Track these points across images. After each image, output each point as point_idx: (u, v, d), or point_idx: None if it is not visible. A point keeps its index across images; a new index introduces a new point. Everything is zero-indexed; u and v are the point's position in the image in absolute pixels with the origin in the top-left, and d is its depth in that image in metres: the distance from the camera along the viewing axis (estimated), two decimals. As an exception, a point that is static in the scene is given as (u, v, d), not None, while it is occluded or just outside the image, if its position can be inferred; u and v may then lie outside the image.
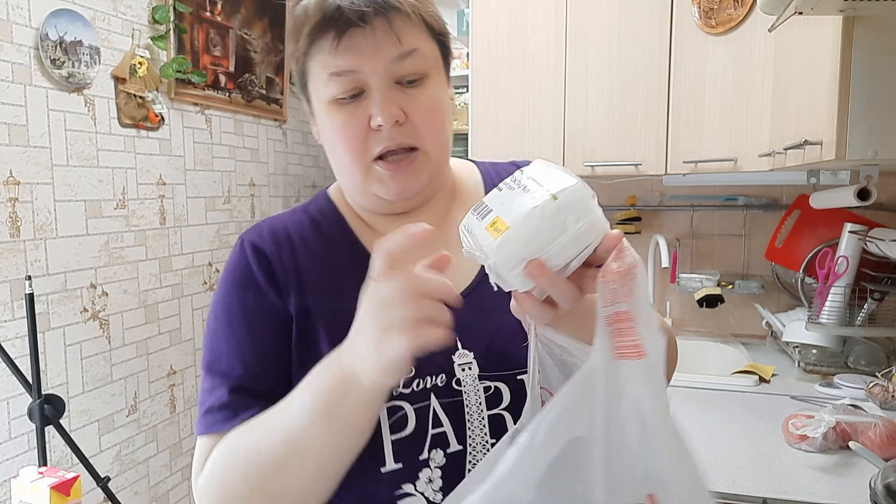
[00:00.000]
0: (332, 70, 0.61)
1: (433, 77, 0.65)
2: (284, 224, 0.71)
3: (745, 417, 1.44)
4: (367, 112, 0.62)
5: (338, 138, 0.64)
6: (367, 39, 0.60)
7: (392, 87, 0.62)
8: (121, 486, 1.81)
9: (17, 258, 1.49)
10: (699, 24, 1.83)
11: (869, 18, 1.04)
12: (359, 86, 0.62)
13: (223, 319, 0.67)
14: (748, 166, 1.76)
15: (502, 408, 0.63)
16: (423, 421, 0.62)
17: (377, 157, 0.63)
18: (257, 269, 0.67)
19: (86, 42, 1.63)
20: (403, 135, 0.63)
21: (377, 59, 0.61)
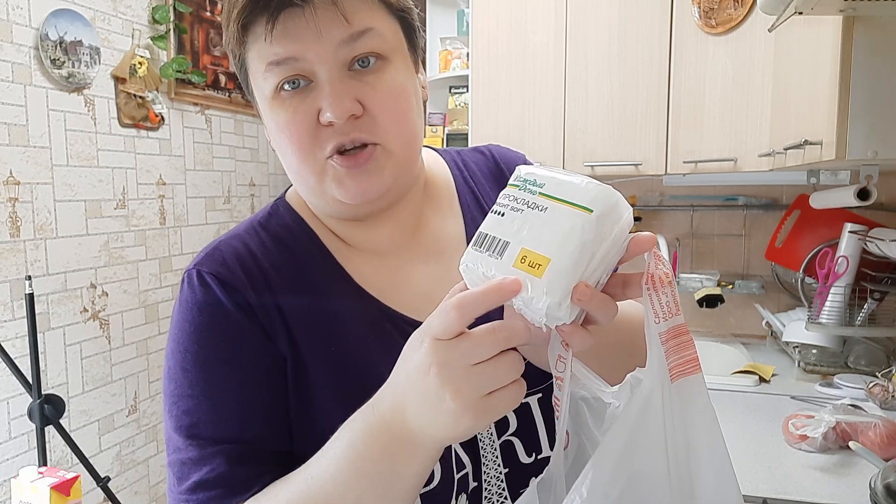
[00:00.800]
0: (269, 59, 0.52)
1: (393, 60, 0.55)
2: (247, 248, 0.58)
3: (745, 417, 1.44)
4: (316, 105, 0.52)
5: (283, 138, 0.54)
6: (308, 20, 0.50)
7: (344, 74, 0.53)
8: (121, 486, 1.81)
9: (17, 258, 1.49)
10: (699, 24, 1.83)
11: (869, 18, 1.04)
12: (303, 75, 0.52)
13: (197, 371, 0.54)
14: (748, 166, 1.76)
15: (510, 433, 0.58)
16: (448, 468, 0.55)
17: (331, 154, 0.54)
18: (231, 305, 0.55)
19: (86, 42, 1.63)
20: (359, 129, 0.53)
21: (322, 44, 0.51)
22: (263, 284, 0.56)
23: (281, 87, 0.53)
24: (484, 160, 0.72)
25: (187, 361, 0.55)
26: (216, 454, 0.52)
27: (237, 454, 0.53)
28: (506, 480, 0.57)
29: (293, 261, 0.59)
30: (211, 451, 0.53)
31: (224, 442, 0.53)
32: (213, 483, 0.52)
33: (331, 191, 0.55)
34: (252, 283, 0.56)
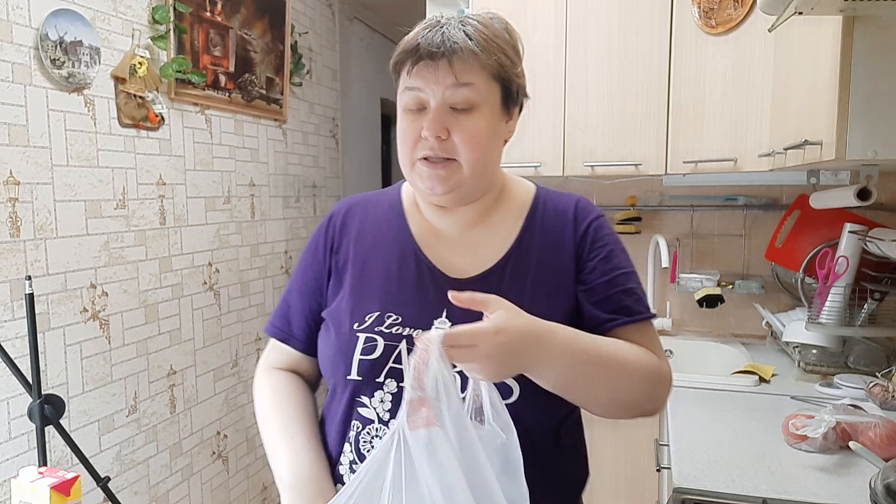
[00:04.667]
0: (406, 85, 0.82)
1: (483, 110, 0.81)
2: (362, 201, 0.96)
3: (745, 417, 1.44)
4: (421, 124, 0.80)
5: (400, 136, 0.83)
6: (431, 71, 0.79)
7: (445, 109, 0.80)
8: (121, 486, 1.81)
9: (17, 258, 1.49)
10: (699, 24, 1.83)
11: (869, 18, 1.04)
12: (422, 103, 0.81)
13: (298, 262, 0.96)
14: (748, 166, 1.76)
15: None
16: (388, 354, 0.80)
17: (421, 157, 0.82)
18: (323, 232, 0.94)
19: (86, 42, 1.63)
20: (443, 148, 0.80)
21: (436, 86, 0.79)
22: (350, 221, 0.93)
23: (408, 105, 0.82)
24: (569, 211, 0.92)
25: (301, 254, 0.97)
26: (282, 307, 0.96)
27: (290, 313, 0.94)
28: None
29: (379, 214, 0.93)
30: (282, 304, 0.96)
31: (287, 302, 0.95)
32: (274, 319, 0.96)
33: (415, 181, 0.85)
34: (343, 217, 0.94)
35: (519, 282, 0.84)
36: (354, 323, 0.83)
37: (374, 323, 0.82)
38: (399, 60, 0.82)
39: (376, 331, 0.81)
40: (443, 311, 0.81)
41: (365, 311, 0.83)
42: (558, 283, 0.85)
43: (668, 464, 1.31)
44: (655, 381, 0.82)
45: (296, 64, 2.67)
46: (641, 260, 2.29)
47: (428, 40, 0.79)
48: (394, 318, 0.82)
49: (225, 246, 2.28)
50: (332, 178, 3.17)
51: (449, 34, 0.79)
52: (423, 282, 0.85)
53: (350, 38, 3.33)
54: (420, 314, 0.82)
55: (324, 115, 3.05)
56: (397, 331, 0.81)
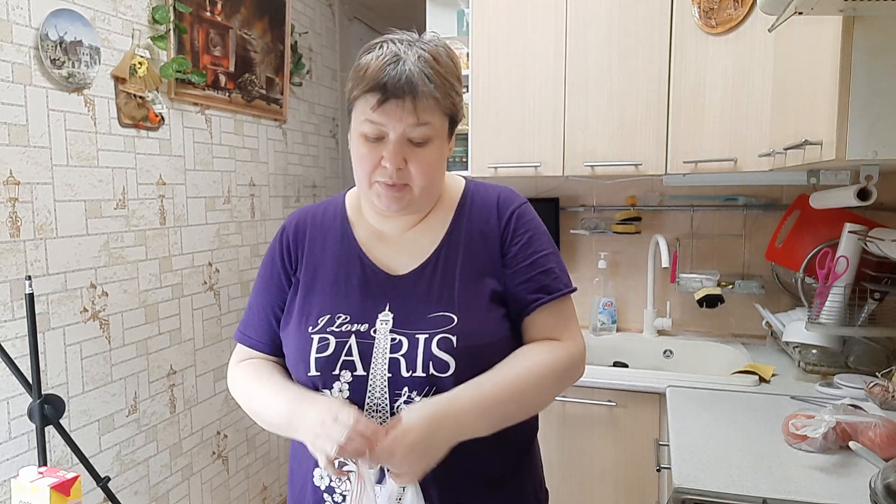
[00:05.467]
0: (368, 118, 0.88)
1: (435, 142, 0.91)
2: (308, 213, 1.05)
3: (745, 417, 1.44)
4: (381, 153, 0.89)
5: (358, 161, 0.92)
6: (396, 109, 0.86)
7: (403, 142, 0.88)
8: (121, 486, 1.81)
9: (17, 258, 1.49)
10: (699, 24, 1.83)
11: (869, 18, 1.04)
12: (382, 134, 0.88)
13: (259, 273, 1.05)
14: (748, 166, 1.76)
15: (400, 354, 0.88)
16: (340, 350, 0.90)
17: (378, 180, 0.91)
18: (278, 245, 1.03)
19: (86, 42, 1.63)
20: (399, 176, 0.90)
21: (399, 124, 0.87)
22: (300, 232, 1.03)
23: (367, 134, 0.89)
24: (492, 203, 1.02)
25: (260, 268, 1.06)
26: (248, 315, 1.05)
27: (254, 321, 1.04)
28: (388, 382, 0.88)
29: (325, 223, 1.03)
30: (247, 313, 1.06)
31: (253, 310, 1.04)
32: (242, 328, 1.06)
33: (372, 198, 0.93)
34: (297, 229, 1.03)
35: (449, 270, 0.95)
36: (308, 326, 0.93)
37: (326, 324, 0.92)
38: (362, 93, 0.88)
39: (328, 331, 0.92)
40: (385, 304, 0.93)
41: (317, 314, 0.94)
42: (484, 269, 0.96)
43: (668, 464, 1.31)
44: (565, 372, 0.95)
45: (296, 64, 2.67)
46: (641, 260, 2.30)
47: (393, 80, 0.85)
48: (343, 317, 0.92)
49: (225, 246, 2.28)
50: (332, 178, 3.17)
51: (411, 76, 0.85)
52: (367, 282, 0.95)
53: (350, 38, 3.33)
54: (365, 311, 0.93)
55: (324, 115, 3.05)
56: (346, 328, 0.92)
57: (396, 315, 0.92)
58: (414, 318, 0.91)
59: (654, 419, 1.75)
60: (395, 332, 0.90)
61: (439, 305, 0.92)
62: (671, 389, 1.67)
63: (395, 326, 0.90)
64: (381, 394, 0.88)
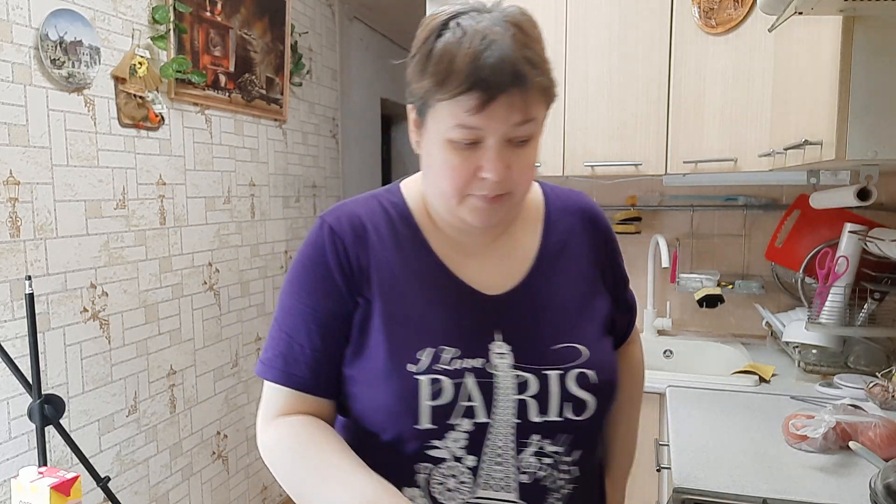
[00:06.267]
0: (462, 123, 0.68)
1: (536, 138, 0.74)
2: (359, 212, 0.80)
3: (745, 417, 1.44)
4: (478, 161, 0.71)
5: (446, 173, 0.72)
6: (501, 109, 0.67)
7: (504, 145, 0.71)
8: (121, 486, 1.81)
9: (17, 258, 1.49)
10: (699, 24, 1.83)
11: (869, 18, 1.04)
12: (477, 139, 0.70)
13: (294, 289, 0.79)
14: (748, 166, 1.76)
15: (529, 395, 0.74)
16: (457, 394, 0.73)
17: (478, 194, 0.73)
18: (331, 254, 0.77)
19: (86, 42, 1.63)
20: (502, 186, 0.72)
21: (502, 125, 0.69)
22: (362, 244, 0.78)
23: (460, 140, 0.70)
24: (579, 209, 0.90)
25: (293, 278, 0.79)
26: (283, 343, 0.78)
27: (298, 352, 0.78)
28: (516, 428, 0.74)
29: (391, 230, 0.80)
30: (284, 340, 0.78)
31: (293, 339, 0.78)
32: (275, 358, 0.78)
33: (462, 214, 0.75)
34: (355, 240, 0.78)
35: (554, 291, 0.82)
36: (408, 364, 0.73)
37: (432, 361, 0.73)
38: (454, 94, 0.67)
39: (437, 369, 0.73)
40: (494, 333, 0.77)
41: (415, 348, 0.74)
42: (591, 290, 0.85)
43: (668, 464, 1.31)
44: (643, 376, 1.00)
45: (296, 64, 2.67)
46: (641, 260, 2.29)
47: (497, 73, 0.66)
48: (451, 351, 0.74)
49: (225, 246, 2.28)
50: (332, 178, 3.17)
51: (515, 63, 0.67)
52: (463, 304, 0.78)
53: (350, 38, 3.33)
54: (473, 342, 0.75)
55: (324, 115, 3.05)
56: (458, 365, 0.74)
57: (513, 346, 0.76)
58: (536, 349, 0.77)
59: (654, 419, 1.75)
60: (519, 369, 0.75)
61: (561, 334, 0.78)
62: (671, 389, 1.67)
63: (516, 361, 0.75)
64: (505, 442, 0.74)
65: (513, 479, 0.74)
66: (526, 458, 0.74)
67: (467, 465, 0.73)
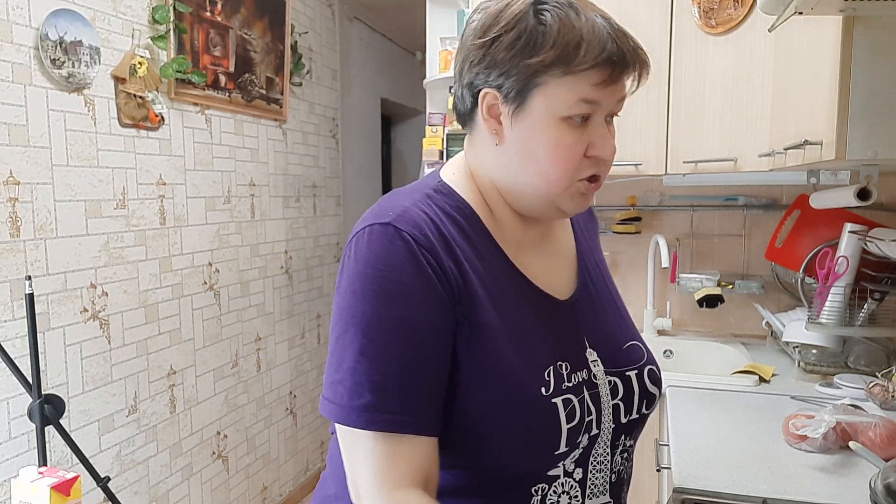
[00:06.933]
0: (586, 97, 0.66)
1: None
2: (432, 218, 0.68)
3: (745, 417, 1.44)
4: (588, 139, 0.68)
5: (558, 155, 0.68)
6: (620, 83, 0.67)
7: (606, 122, 0.70)
8: (121, 486, 1.81)
9: (17, 258, 1.49)
10: (699, 24, 1.83)
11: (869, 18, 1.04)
12: (590, 114, 0.68)
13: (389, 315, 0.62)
14: (748, 166, 1.75)
15: (619, 398, 0.74)
16: (582, 410, 0.69)
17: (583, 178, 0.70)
18: (428, 266, 0.63)
19: (86, 42, 1.63)
20: (606, 165, 0.71)
21: (615, 99, 0.68)
22: (448, 250, 0.67)
23: (576, 115, 0.67)
24: None
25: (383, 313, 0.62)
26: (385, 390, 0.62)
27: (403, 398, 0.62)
28: (612, 433, 0.73)
29: (463, 233, 0.70)
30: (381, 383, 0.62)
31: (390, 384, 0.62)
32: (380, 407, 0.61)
33: (562, 203, 0.70)
34: (444, 250, 0.66)
35: (601, 288, 0.82)
36: (541, 388, 0.66)
37: (557, 380, 0.68)
38: (587, 66, 0.64)
39: (564, 388, 0.68)
40: (582, 340, 0.74)
41: (540, 369, 0.67)
42: (613, 281, 0.88)
43: (668, 464, 1.31)
44: None
45: (296, 64, 2.67)
46: (641, 260, 2.29)
47: (628, 50, 0.66)
48: (565, 366, 0.69)
49: (225, 246, 2.28)
50: (332, 178, 3.17)
51: (631, 38, 0.68)
52: (551, 314, 0.74)
53: (350, 38, 3.33)
54: (575, 353, 0.72)
55: (324, 115, 3.05)
56: (575, 380, 0.70)
57: (599, 352, 0.75)
58: (614, 352, 0.77)
59: (654, 419, 1.75)
60: (609, 374, 0.74)
61: (624, 334, 0.80)
62: (671, 389, 1.67)
63: (606, 367, 0.74)
64: (605, 449, 0.73)
65: (607, 481, 0.74)
66: (616, 459, 0.74)
67: (576, 478, 0.71)
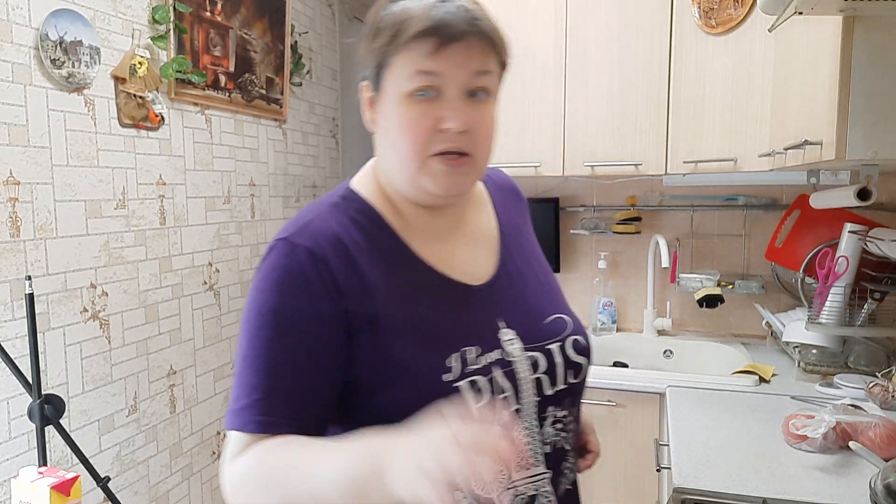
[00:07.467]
0: (421, 68, 0.69)
1: (493, 97, 0.75)
2: (332, 229, 0.74)
3: (745, 417, 1.44)
4: (439, 113, 0.70)
5: (405, 130, 0.71)
6: (460, 52, 0.69)
7: (465, 98, 0.71)
8: (121, 486, 1.81)
9: (17, 258, 1.49)
10: (699, 24, 1.83)
11: (869, 18, 1.04)
12: (437, 87, 0.70)
13: (272, 318, 0.70)
14: (748, 166, 1.76)
15: (542, 372, 0.77)
16: (493, 389, 0.73)
17: (435, 153, 0.71)
18: (316, 276, 0.70)
19: (86, 42, 1.63)
20: (464, 141, 0.71)
21: (463, 70, 0.70)
22: (346, 259, 0.72)
23: (417, 90, 0.70)
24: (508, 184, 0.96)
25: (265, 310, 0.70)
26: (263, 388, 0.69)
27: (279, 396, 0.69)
28: (537, 406, 0.76)
29: (366, 238, 0.75)
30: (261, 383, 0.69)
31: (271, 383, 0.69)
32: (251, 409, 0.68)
33: (424, 182, 0.73)
34: (337, 258, 0.71)
35: (524, 266, 0.86)
36: (443, 375, 0.70)
37: (462, 364, 0.72)
38: (409, 40, 0.68)
39: (469, 371, 0.72)
40: (497, 321, 0.78)
41: (442, 357, 0.71)
42: (542, 257, 0.91)
43: (668, 464, 1.31)
44: None
45: (296, 64, 2.67)
46: (641, 260, 2.29)
47: (454, 16, 0.68)
48: (473, 350, 0.73)
49: (225, 246, 2.28)
50: (332, 178, 3.17)
51: (471, 11, 0.70)
52: (462, 301, 0.78)
53: (350, 38, 3.33)
54: (486, 335, 0.76)
55: (324, 115, 3.05)
56: (484, 362, 0.74)
57: (517, 330, 0.78)
58: (534, 327, 0.80)
59: (654, 419, 1.75)
60: (528, 350, 0.78)
61: (547, 308, 0.83)
62: (671, 389, 1.67)
63: (525, 343, 0.78)
64: (531, 422, 0.77)
65: (539, 452, 0.77)
66: (546, 430, 0.78)
67: None
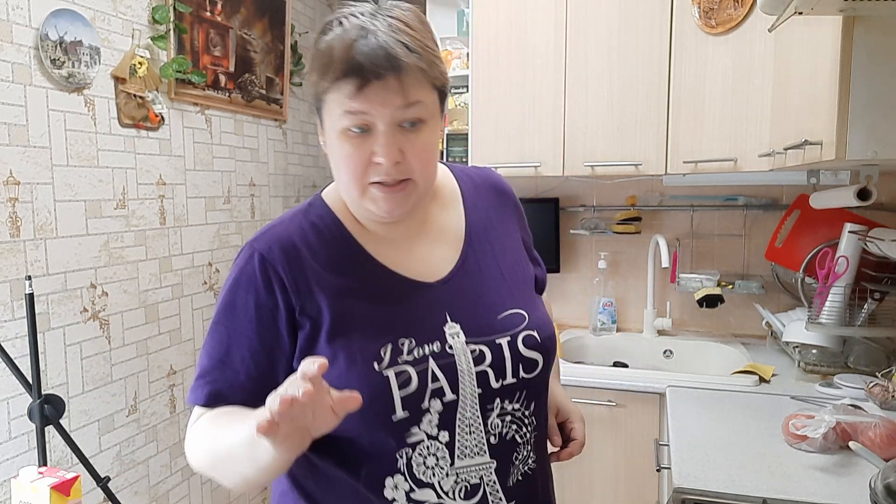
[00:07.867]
0: (347, 109, 0.74)
1: (430, 123, 0.78)
2: (290, 234, 0.82)
3: (745, 417, 1.44)
4: (371, 148, 0.75)
5: (343, 163, 0.77)
6: (380, 91, 0.73)
7: (395, 129, 0.75)
8: (121, 486, 1.81)
9: (17, 258, 1.49)
10: (699, 24, 1.83)
11: (869, 18, 1.04)
12: (367, 124, 0.75)
13: (225, 311, 0.81)
14: (748, 166, 1.76)
15: (486, 365, 0.81)
16: (424, 379, 0.78)
17: (373, 182, 0.77)
18: (264, 278, 0.79)
19: (86, 42, 1.63)
20: (398, 171, 0.76)
21: (385, 108, 0.73)
22: (297, 262, 0.80)
23: (349, 128, 0.75)
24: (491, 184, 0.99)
25: (223, 302, 0.81)
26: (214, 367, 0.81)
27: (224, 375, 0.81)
28: (479, 398, 0.80)
29: (320, 240, 0.83)
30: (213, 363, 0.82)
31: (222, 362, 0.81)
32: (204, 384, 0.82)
33: (367, 205, 0.79)
34: (288, 263, 0.79)
35: (488, 264, 0.89)
36: (373, 363, 0.76)
37: (393, 354, 0.77)
38: (334, 81, 0.74)
39: (401, 361, 0.77)
40: (444, 315, 0.82)
41: (375, 348, 0.77)
42: (517, 257, 0.94)
43: (668, 464, 1.31)
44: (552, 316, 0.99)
45: (296, 64, 2.67)
46: (641, 260, 2.29)
47: (369, 57, 0.71)
48: (408, 341, 0.78)
49: (225, 246, 2.28)
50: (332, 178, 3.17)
51: (389, 48, 0.72)
52: (411, 297, 0.82)
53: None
54: (427, 328, 0.80)
55: (324, 115, 3.05)
56: (419, 353, 0.79)
57: (462, 324, 0.82)
58: (485, 322, 0.83)
59: (654, 419, 1.75)
60: (472, 343, 0.81)
61: (503, 303, 0.86)
62: (671, 389, 1.67)
63: (469, 337, 0.81)
64: (473, 412, 0.80)
65: (484, 442, 0.81)
66: (492, 422, 0.81)
67: (442, 440, 0.79)
